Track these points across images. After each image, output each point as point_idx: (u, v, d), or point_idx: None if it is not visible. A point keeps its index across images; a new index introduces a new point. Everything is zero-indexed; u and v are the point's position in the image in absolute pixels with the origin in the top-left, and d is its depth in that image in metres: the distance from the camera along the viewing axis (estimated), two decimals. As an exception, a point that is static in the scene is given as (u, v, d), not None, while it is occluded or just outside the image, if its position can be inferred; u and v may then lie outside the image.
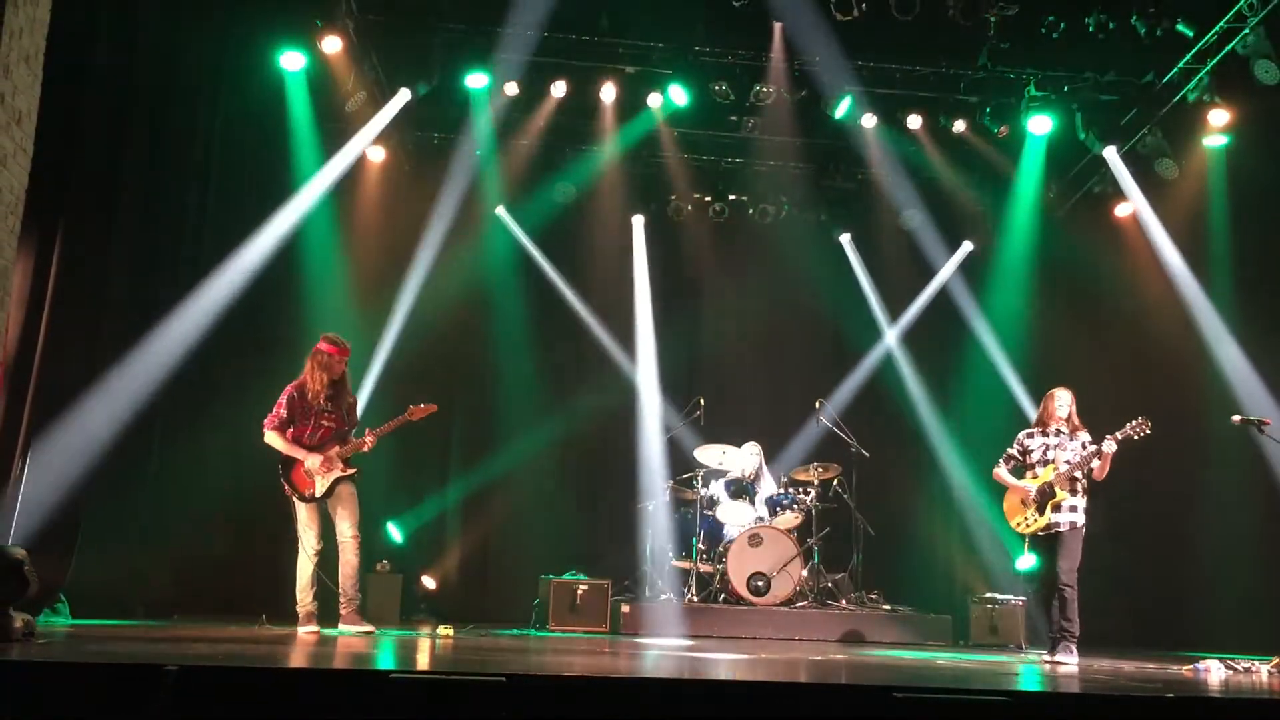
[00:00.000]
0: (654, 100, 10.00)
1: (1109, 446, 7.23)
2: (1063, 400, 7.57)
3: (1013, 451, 7.66)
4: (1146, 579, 9.77)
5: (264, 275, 9.28)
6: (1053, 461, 7.44)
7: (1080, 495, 7.35)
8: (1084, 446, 7.42)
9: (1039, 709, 4.26)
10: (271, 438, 7.28)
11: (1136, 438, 7.22)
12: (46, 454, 7.06)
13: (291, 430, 7.30)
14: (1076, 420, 7.56)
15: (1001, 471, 7.66)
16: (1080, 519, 7.33)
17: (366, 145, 10.02)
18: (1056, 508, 7.32)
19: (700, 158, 11.23)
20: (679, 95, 9.81)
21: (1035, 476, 7.49)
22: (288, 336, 9.32)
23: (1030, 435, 7.64)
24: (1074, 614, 7.23)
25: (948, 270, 11.54)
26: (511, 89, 9.81)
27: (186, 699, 3.64)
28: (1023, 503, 7.50)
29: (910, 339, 11.57)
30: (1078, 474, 7.34)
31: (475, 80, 9.63)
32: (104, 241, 7.65)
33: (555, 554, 10.12)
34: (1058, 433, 7.52)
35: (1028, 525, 7.45)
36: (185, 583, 8.53)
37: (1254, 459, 8.79)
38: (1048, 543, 7.39)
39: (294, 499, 7.26)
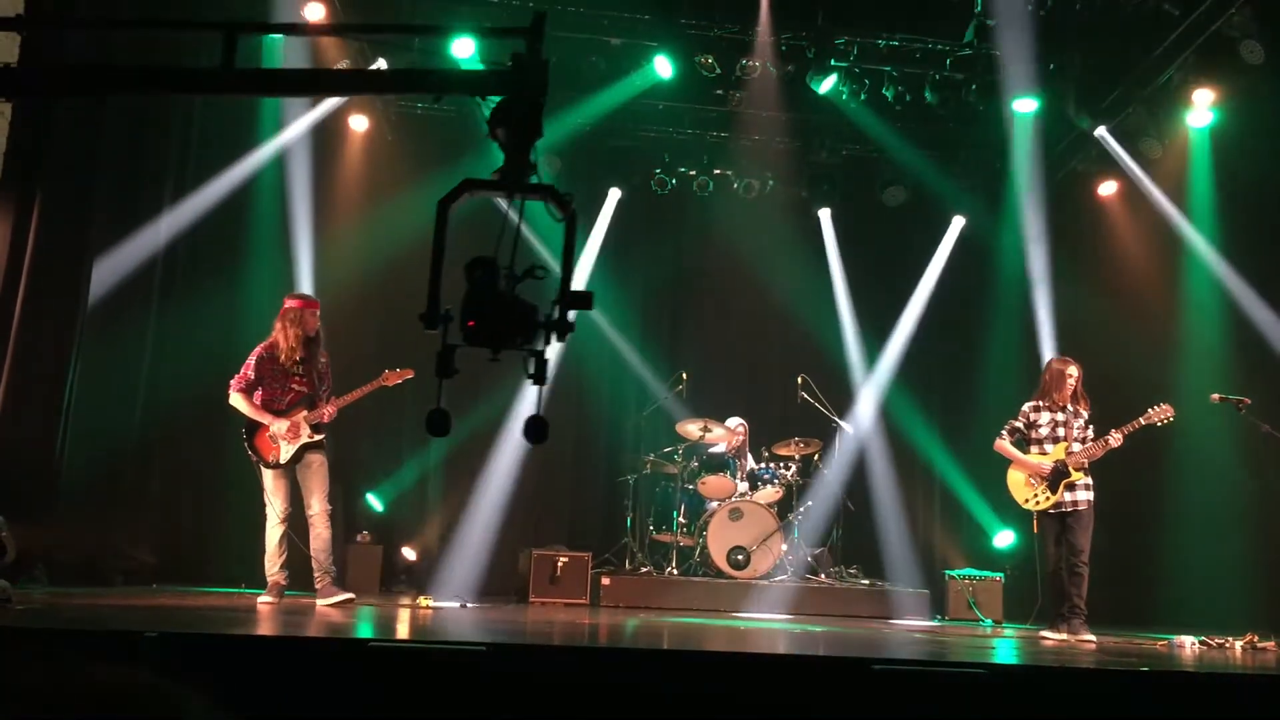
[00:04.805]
0: (639, 73, 9.91)
1: (1115, 441, 7.17)
2: (1073, 376, 7.43)
3: (1018, 424, 7.53)
4: (1121, 556, 9.82)
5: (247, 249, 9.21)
6: (1063, 440, 7.35)
7: (1087, 473, 7.32)
8: (1086, 425, 7.38)
9: (1016, 681, 4.29)
10: (236, 400, 7.05)
11: (1160, 424, 7.12)
12: (25, 417, 7.01)
13: (260, 393, 7.07)
14: (1082, 393, 7.46)
15: (1006, 444, 7.53)
16: (1092, 495, 7.30)
17: (349, 114, 9.97)
18: (1070, 487, 7.25)
19: (685, 131, 11.16)
20: (664, 68, 9.75)
21: (1043, 453, 7.39)
22: (270, 302, 9.24)
23: (1037, 409, 7.50)
24: (1085, 591, 7.22)
25: (943, 248, 11.49)
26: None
27: (164, 666, 3.62)
28: (1031, 480, 7.40)
29: (892, 316, 11.55)
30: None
31: (461, 49, 9.51)
32: (85, 201, 7.57)
33: (536, 526, 10.11)
34: (1064, 408, 7.41)
35: (1037, 503, 7.36)
36: (164, 551, 8.49)
37: (1229, 436, 8.82)
38: (1058, 520, 7.34)
39: (258, 465, 7.05)
